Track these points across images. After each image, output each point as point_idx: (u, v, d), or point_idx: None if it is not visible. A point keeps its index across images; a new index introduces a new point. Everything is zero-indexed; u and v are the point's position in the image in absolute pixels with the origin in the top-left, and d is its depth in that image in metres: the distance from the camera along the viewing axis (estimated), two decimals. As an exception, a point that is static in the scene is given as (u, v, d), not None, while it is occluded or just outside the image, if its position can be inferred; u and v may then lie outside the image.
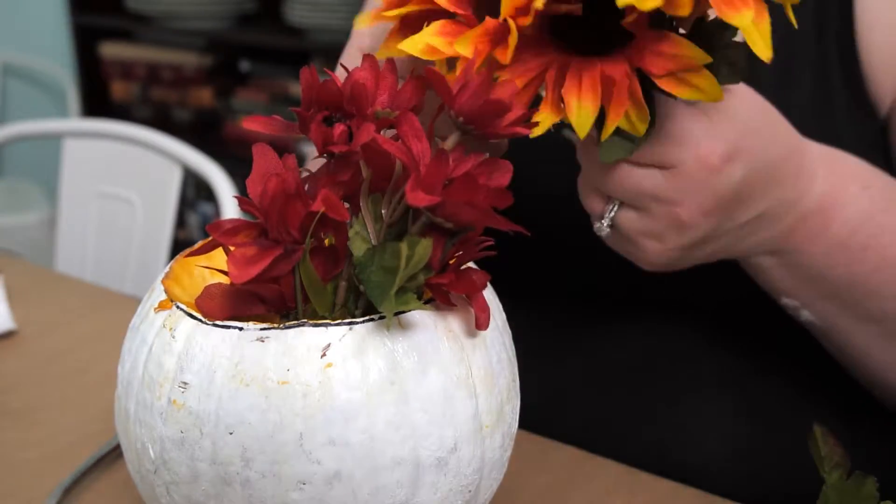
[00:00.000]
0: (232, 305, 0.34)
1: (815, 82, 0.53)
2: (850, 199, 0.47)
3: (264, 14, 2.14)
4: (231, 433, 0.32)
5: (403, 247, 0.32)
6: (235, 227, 0.33)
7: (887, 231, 0.47)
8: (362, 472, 0.32)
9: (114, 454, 0.50)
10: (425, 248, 0.32)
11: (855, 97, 0.53)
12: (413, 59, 0.39)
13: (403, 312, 0.33)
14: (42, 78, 2.47)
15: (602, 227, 0.43)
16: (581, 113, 0.36)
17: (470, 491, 0.36)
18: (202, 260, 0.40)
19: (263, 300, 0.35)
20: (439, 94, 0.34)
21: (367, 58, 0.36)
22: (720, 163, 0.40)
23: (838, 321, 0.49)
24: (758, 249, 0.47)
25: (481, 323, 0.35)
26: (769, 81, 0.53)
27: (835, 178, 0.47)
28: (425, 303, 0.34)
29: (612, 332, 0.58)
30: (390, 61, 0.36)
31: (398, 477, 0.33)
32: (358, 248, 0.34)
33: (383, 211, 0.35)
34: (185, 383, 0.33)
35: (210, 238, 0.35)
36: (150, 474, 0.35)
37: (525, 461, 0.50)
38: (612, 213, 0.43)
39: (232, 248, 0.33)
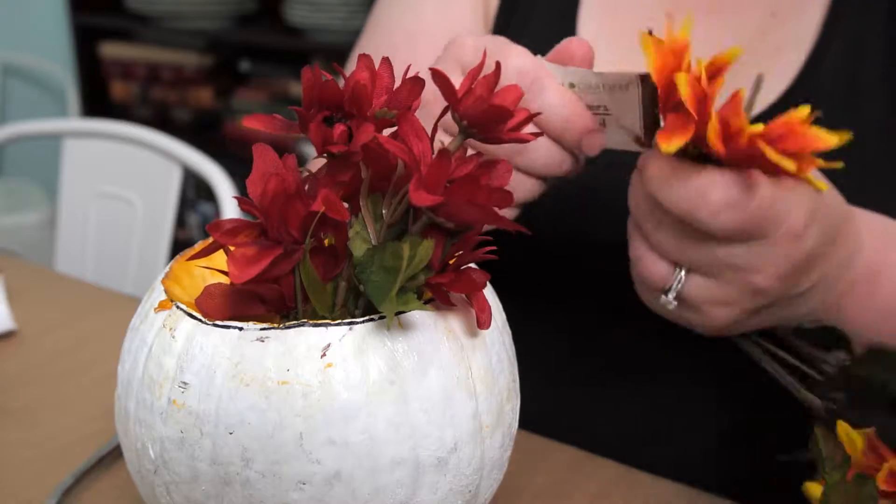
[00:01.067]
0: (232, 305, 0.34)
1: (886, 109, 0.52)
2: (889, 270, 0.45)
3: (264, 14, 2.14)
4: (231, 433, 0.32)
5: (405, 247, 0.32)
6: (235, 227, 0.33)
7: None
8: (362, 472, 0.32)
9: (114, 454, 0.50)
10: (427, 248, 0.32)
11: None
12: None
13: (403, 312, 0.33)
14: (42, 78, 2.47)
15: (669, 301, 0.40)
16: None
17: (470, 491, 0.36)
18: (202, 260, 0.40)
19: (263, 300, 0.35)
20: (444, 97, 0.34)
21: (363, 58, 0.36)
22: (803, 229, 0.38)
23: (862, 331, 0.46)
24: (808, 318, 0.45)
25: (482, 323, 0.35)
26: (828, 89, 0.52)
27: (878, 243, 0.45)
28: (425, 303, 0.34)
29: (599, 332, 0.58)
30: (385, 60, 0.36)
31: (398, 477, 0.33)
32: (358, 248, 0.34)
33: (383, 211, 0.35)
34: (185, 383, 0.33)
35: (210, 239, 0.35)
36: (150, 474, 0.35)
37: (525, 461, 0.50)
38: (680, 284, 0.40)
39: (232, 248, 0.33)
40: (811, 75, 0.53)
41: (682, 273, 0.40)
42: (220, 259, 0.39)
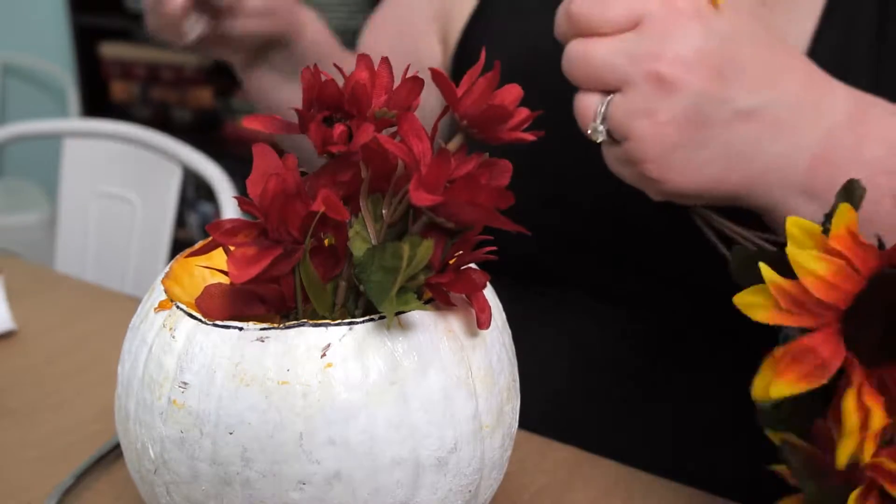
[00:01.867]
0: (232, 305, 0.35)
1: (869, 88, 0.51)
2: (880, 117, 0.43)
3: (264, 14, 2.14)
4: (231, 433, 0.32)
5: (405, 247, 0.32)
6: (235, 227, 0.33)
7: None
8: (362, 472, 0.32)
9: (114, 454, 0.50)
10: (427, 248, 0.32)
11: None
12: None
13: (403, 312, 0.33)
14: (42, 78, 2.47)
15: (597, 127, 0.41)
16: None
17: (470, 491, 0.36)
18: (202, 260, 0.40)
19: (263, 300, 0.35)
20: (444, 97, 0.34)
21: (363, 57, 0.36)
22: (689, 6, 0.40)
23: None
24: (789, 177, 0.43)
25: (482, 323, 0.35)
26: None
27: (860, 99, 0.43)
28: (425, 303, 0.34)
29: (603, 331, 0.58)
30: (385, 60, 0.36)
31: (398, 477, 0.33)
32: (358, 248, 0.34)
33: (383, 211, 0.35)
34: (185, 383, 0.33)
35: (210, 238, 0.35)
36: (150, 474, 0.35)
37: (525, 461, 0.50)
38: (604, 108, 0.41)
39: (232, 248, 0.33)
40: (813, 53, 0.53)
41: (607, 98, 0.41)
42: (220, 259, 0.39)
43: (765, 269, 0.33)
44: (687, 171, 0.41)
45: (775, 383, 0.34)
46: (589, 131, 0.42)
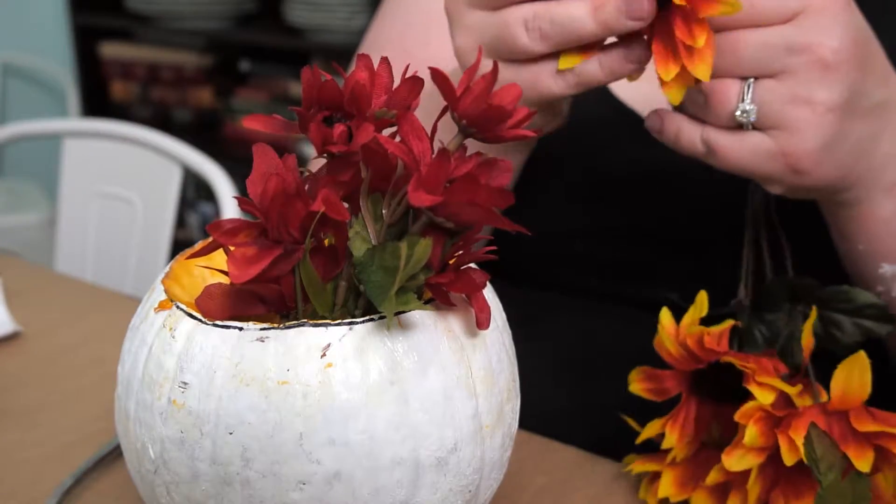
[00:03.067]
0: (232, 305, 0.34)
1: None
2: None
3: (264, 14, 2.14)
4: (231, 433, 0.32)
5: (403, 246, 0.32)
6: (235, 227, 0.33)
7: None
8: (362, 472, 0.32)
9: (114, 454, 0.50)
10: (425, 247, 0.32)
11: None
12: None
13: (403, 312, 0.33)
14: (42, 78, 2.48)
15: (747, 108, 0.40)
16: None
17: (470, 491, 0.36)
18: (202, 260, 0.40)
19: (263, 300, 0.35)
20: (443, 96, 0.34)
21: (362, 58, 0.36)
22: (842, 7, 0.39)
23: None
24: (884, 176, 0.43)
25: (481, 323, 0.35)
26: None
27: None
28: (425, 303, 0.34)
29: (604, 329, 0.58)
30: (384, 60, 0.36)
31: (398, 477, 0.33)
32: (358, 248, 0.34)
33: (383, 211, 0.35)
34: (185, 383, 0.33)
35: (210, 238, 0.35)
36: (150, 474, 0.35)
37: (525, 461, 0.50)
38: (751, 91, 0.40)
39: (232, 248, 0.33)
40: None
41: (751, 80, 0.40)
42: (220, 259, 0.39)
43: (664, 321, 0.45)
44: (832, 162, 0.41)
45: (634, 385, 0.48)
46: (738, 113, 0.40)
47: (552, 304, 0.62)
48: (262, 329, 0.32)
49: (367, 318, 0.33)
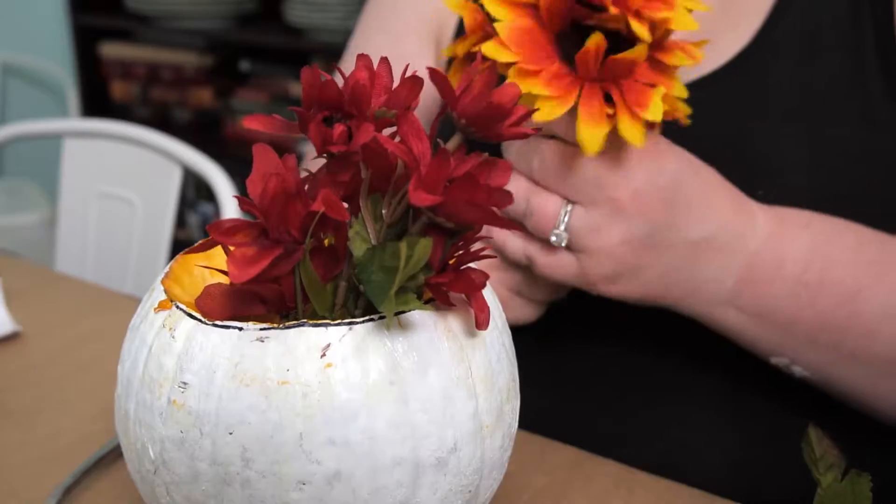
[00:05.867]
0: (232, 305, 0.34)
1: (848, 66, 0.53)
2: (794, 236, 0.48)
3: (264, 14, 2.14)
4: (231, 433, 0.32)
5: (402, 246, 0.32)
6: (235, 227, 0.33)
7: (837, 265, 0.48)
8: (362, 472, 0.32)
9: (114, 454, 0.50)
10: (424, 247, 0.32)
11: (893, 86, 0.53)
12: None
13: (403, 312, 0.33)
14: (42, 78, 2.48)
15: (560, 234, 0.46)
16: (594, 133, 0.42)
17: (470, 491, 0.36)
18: (202, 259, 0.40)
19: (263, 300, 0.35)
20: (442, 96, 0.34)
21: (362, 57, 0.36)
22: (654, 155, 0.45)
23: (830, 370, 0.49)
24: (718, 294, 0.48)
25: (480, 323, 0.35)
26: (787, 45, 0.53)
27: (776, 218, 0.49)
28: (425, 303, 0.34)
29: (606, 339, 0.58)
30: (384, 61, 0.36)
31: (398, 477, 0.33)
32: (358, 248, 0.34)
33: (383, 211, 0.35)
34: (185, 383, 0.33)
35: (210, 238, 0.35)
36: (150, 474, 0.35)
37: (525, 461, 0.50)
38: (567, 217, 0.45)
39: (232, 248, 0.33)
40: (770, 30, 0.54)
41: (569, 207, 0.46)
42: (220, 259, 0.39)
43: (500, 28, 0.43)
44: (631, 286, 0.47)
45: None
46: (552, 237, 0.46)
47: None
48: (262, 329, 0.32)
49: (367, 318, 0.33)
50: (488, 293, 0.38)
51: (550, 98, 0.41)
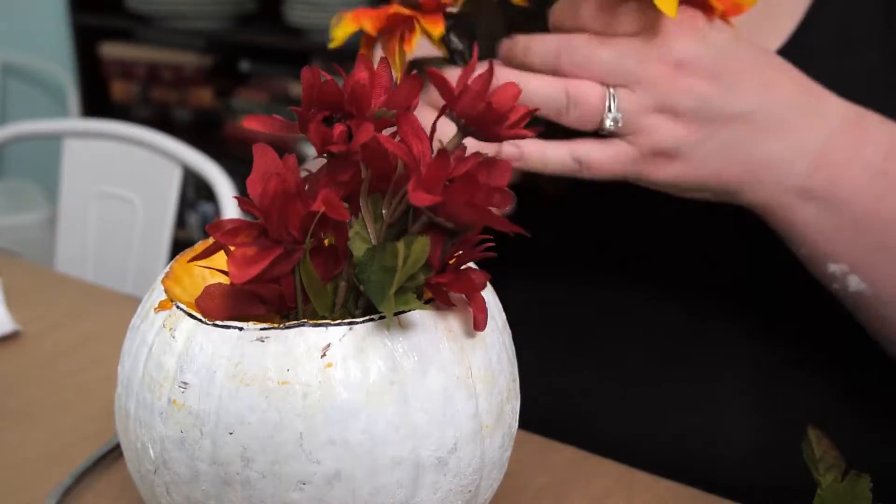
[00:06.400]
0: (232, 305, 0.34)
1: (883, 61, 0.53)
2: (873, 124, 0.46)
3: (264, 14, 2.14)
4: (231, 433, 0.32)
5: (401, 246, 0.32)
6: (235, 227, 0.33)
7: None
8: (362, 472, 0.32)
9: (114, 454, 0.50)
10: (423, 246, 0.32)
11: None
12: None
13: (403, 312, 0.33)
14: (42, 78, 2.47)
15: (615, 116, 0.44)
16: None
17: (470, 491, 0.36)
18: (202, 261, 0.40)
19: (263, 300, 0.35)
20: (442, 96, 0.34)
21: (362, 57, 0.36)
22: (694, 28, 0.44)
23: (889, 284, 0.46)
24: (787, 176, 0.45)
25: (478, 323, 0.35)
26: (822, 45, 0.53)
27: (852, 108, 0.46)
28: (425, 303, 0.34)
29: (629, 325, 0.58)
30: (384, 61, 0.36)
31: (398, 477, 0.33)
32: (358, 248, 0.34)
33: (383, 211, 0.35)
34: (185, 383, 0.33)
35: (210, 239, 0.35)
36: (150, 474, 0.35)
37: (525, 461, 0.50)
38: (616, 101, 0.44)
39: (232, 248, 0.33)
40: (807, 28, 0.54)
41: (612, 90, 0.44)
42: (220, 259, 0.39)
43: None
44: (689, 165, 0.45)
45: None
46: (607, 121, 0.44)
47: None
48: (262, 329, 0.32)
49: (367, 318, 0.33)
50: (488, 293, 0.38)
51: None
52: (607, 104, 0.44)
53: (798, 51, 0.53)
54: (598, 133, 0.45)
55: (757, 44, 0.46)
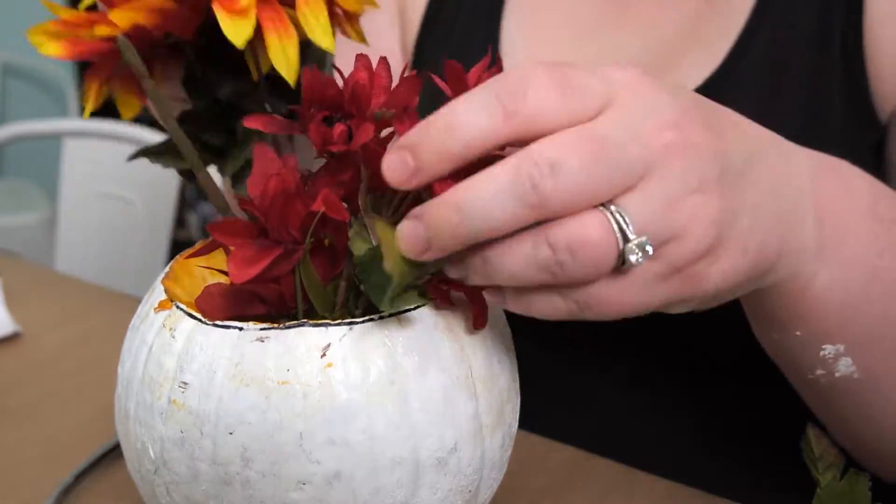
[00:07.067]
0: (232, 305, 0.35)
1: (810, 97, 0.52)
2: (837, 166, 0.40)
3: (264, 14, 2.14)
4: (231, 433, 0.32)
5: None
6: (235, 227, 0.33)
7: None
8: (362, 472, 0.32)
9: (114, 454, 0.50)
10: None
11: (854, 110, 0.52)
12: None
13: (404, 312, 0.33)
14: (42, 78, 2.47)
15: (642, 242, 0.30)
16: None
17: (470, 491, 0.36)
18: (202, 260, 0.40)
19: (263, 300, 0.35)
20: (454, 93, 0.34)
21: (361, 57, 0.36)
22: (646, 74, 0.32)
23: (883, 365, 0.41)
24: (804, 238, 0.37)
25: (478, 322, 0.35)
26: (754, 70, 0.53)
27: (817, 156, 0.39)
28: (425, 302, 0.34)
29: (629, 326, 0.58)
30: (383, 60, 0.36)
31: (398, 477, 0.33)
32: (358, 248, 0.34)
33: (383, 211, 0.35)
34: (185, 383, 0.33)
35: (210, 239, 0.35)
36: (150, 474, 0.35)
37: (525, 461, 0.50)
38: (622, 217, 0.29)
39: (232, 248, 0.33)
40: (735, 62, 0.53)
41: (612, 207, 0.29)
42: (220, 259, 0.39)
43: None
44: (737, 244, 0.33)
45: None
46: (633, 257, 0.30)
47: None
48: (262, 329, 0.32)
49: (367, 318, 0.33)
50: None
51: None
52: (618, 227, 0.29)
53: (728, 81, 0.53)
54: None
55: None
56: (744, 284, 0.35)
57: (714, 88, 0.53)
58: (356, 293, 0.36)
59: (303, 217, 0.33)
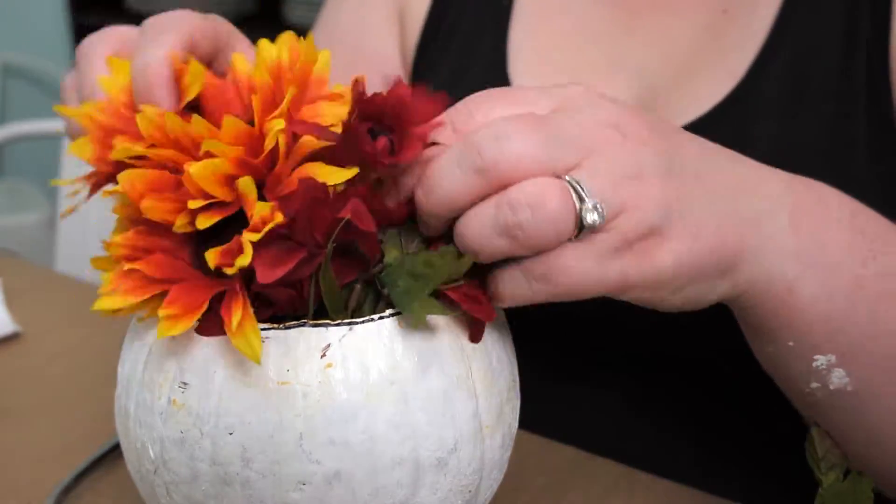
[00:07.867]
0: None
1: (834, 117, 0.50)
2: (810, 183, 0.40)
3: (264, 14, 2.14)
4: (231, 433, 0.32)
5: (436, 257, 0.33)
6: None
7: (879, 220, 0.41)
8: (362, 472, 0.32)
9: (114, 454, 0.50)
10: (465, 263, 0.33)
11: (881, 129, 0.50)
12: None
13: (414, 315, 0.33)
14: (42, 78, 2.47)
15: (596, 204, 0.32)
16: None
17: (470, 491, 0.36)
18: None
19: (272, 303, 0.34)
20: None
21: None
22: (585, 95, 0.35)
23: (878, 380, 0.41)
24: (776, 238, 0.38)
25: (474, 339, 0.35)
26: (771, 96, 0.51)
27: (791, 175, 0.40)
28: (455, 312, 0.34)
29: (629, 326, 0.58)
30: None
31: (398, 477, 0.33)
32: (390, 253, 0.34)
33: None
34: (185, 383, 0.33)
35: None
36: (150, 474, 0.35)
37: (525, 461, 0.50)
38: (579, 182, 0.32)
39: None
40: (755, 78, 0.52)
41: (568, 176, 0.32)
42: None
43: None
44: (687, 229, 0.34)
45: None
46: (589, 216, 0.32)
47: None
48: (262, 329, 0.32)
49: (367, 318, 0.33)
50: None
51: None
52: (573, 194, 0.31)
53: (753, 92, 0.51)
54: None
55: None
56: (708, 275, 0.36)
57: (735, 104, 0.52)
58: (375, 298, 0.36)
59: (329, 223, 0.33)
